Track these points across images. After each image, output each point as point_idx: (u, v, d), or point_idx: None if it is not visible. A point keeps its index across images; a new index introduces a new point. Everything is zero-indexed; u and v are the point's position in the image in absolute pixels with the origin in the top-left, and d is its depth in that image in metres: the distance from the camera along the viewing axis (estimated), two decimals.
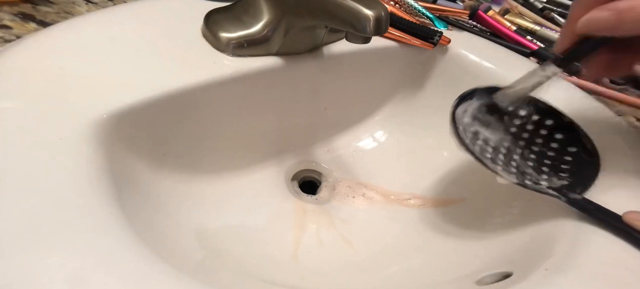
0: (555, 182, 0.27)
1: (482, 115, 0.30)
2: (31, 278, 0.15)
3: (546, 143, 0.30)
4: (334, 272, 0.31)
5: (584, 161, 0.28)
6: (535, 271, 0.23)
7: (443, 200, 0.37)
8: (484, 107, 0.31)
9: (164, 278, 0.17)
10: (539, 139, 0.30)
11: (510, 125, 0.30)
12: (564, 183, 0.27)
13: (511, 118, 0.31)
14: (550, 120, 0.30)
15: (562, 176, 0.28)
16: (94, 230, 0.17)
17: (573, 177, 0.28)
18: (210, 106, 0.30)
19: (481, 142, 0.29)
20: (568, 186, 0.27)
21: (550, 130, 0.30)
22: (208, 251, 0.28)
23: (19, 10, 0.30)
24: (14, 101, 0.22)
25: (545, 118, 0.30)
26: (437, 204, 0.37)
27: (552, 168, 0.29)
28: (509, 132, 0.30)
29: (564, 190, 0.26)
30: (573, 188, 0.27)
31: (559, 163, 0.29)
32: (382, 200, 0.38)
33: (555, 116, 0.30)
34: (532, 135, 0.30)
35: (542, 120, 0.30)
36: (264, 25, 0.30)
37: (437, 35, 0.39)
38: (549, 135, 0.30)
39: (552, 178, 0.28)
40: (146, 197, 0.26)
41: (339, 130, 0.42)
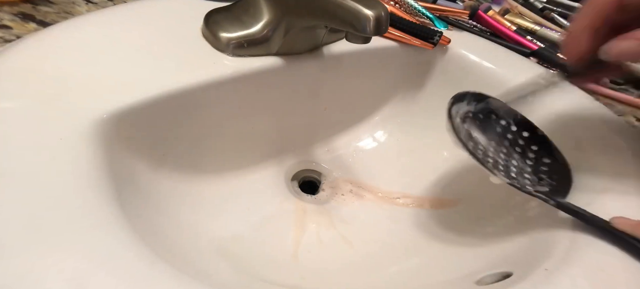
0: (539, 188, 0.28)
1: (471, 118, 0.31)
2: (31, 278, 0.15)
3: (524, 153, 0.31)
4: (334, 272, 0.31)
5: (559, 171, 0.29)
6: (535, 271, 0.23)
7: (443, 200, 0.37)
8: (473, 111, 0.32)
9: (164, 278, 0.17)
10: (518, 149, 0.31)
11: (494, 133, 0.31)
12: (544, 190, 0.28)
13: (494, 126, 0.32)
14: (526, 132, 0.31)
15: (542, 184, 0.29)
16: (94, 230, 0.17)
17: (551, 186, 0.28)
18: (210, 106, 0.30)
19: (472, 142, 0.30)
20: (549, 193, 0.27)
21: (527, 141, 0.31)
22: (208, 251, 0.28)
23: (19, 10, 0.30)
24: (14, 101, 0.22)
25: (522, 130, 0.31)
26: (437, 204, 0.37)
27: (533, 175, 0.30)
28: (494, 139, 0.31)
29: (550, 193, 0.27)
30: (554, 195, 0.27)
31: (537, 173, 0.30)
32: (382, 200, 0.38)
33: (531, 129, 0.31)
34: (512, 145, 0.31)
35: (519, 132, 0.31)
36: (264, 25, 0.30)
37: (437, 35, 0.39)
38: (527, 146, 0.31)
39: (535, 184, 0.29)
40: (146, 197, 0.26)
41: (339, 130, 0.42)
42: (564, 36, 0.27)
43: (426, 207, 0.37)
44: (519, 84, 0.30)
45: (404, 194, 0.38)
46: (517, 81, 0.38)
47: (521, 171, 0.30)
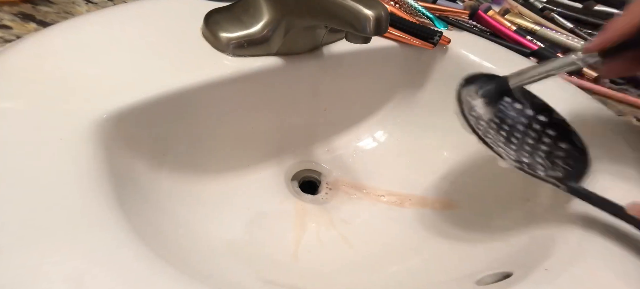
0: (551, 173, 0.28)
1: (486, 100, 0.31)
2: (31, 277, 0.15)
3: (539, 137, 0.30)
4: (334, 272, 0.31)
5: (575, 157, 0.29)
6: (535, 271, 0.23)
7: (443, 200, 0.37)
8: (489, 92, 0.31)
9: (164, 278, 0.17)
10: (533, 133, 0.31)
11: (507, 116, 0.31)
12: (558, 175, 0.27)
13: (508, 109, 0.31)
14: (543, 116, 0.31)
15: (556, 169, 0.28)
16: (93, 230, 0.17)
17: (565, 172, 0.28)
18: (210, 106, 0.30)
19: (484, 125, 0.30)
20: (562, 179, 0.27)
21: (543, 125, 0.31)
22: (207, 251, 0.28)
23: (19, 10, 0.30)
24: (14, 101, 0.22)
25: (539, 114, 0.31)
26: (437, 204, 0.37)
27: (547, 160, 0.29)
28: (506, 122, 0.31)
29: (563, 179, 0.27)
30: (568, 179, 0.27)
31: (552, 157, 0.29)
32: (382, 200, 0.38)
33: (548, 112, 0.31)
34: (527, 128, 0.31)
35: (536, 116, 0.31)
36: (264, 25, 0.30)
37: (437, 35, 0.39)
38: (542, 131, 0.31)
39: (548, 169, 0.28)
40: (146, 197, 0.26)
41: (339, 130, 0.42)
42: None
43: (426, 207, 0.37)
44: (544, 62, 0.30)
45: (404, 194, 0.38)
46: None
47: (534, 156, 0.29)
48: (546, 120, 0.31)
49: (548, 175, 0.27)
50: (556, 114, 0.31)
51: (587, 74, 0.46)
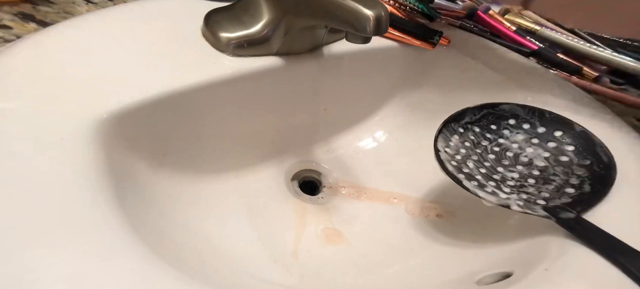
0: (556, 200, 0.26)
1: (478, 134, 0.30)
2: (31, 277, 0.15)
3: (553, 156, 0.28)
4: (334, 272, 0.31)
5: (596, 174, 0.26)
6: (535, 271, 0.23)
7: (443, 200, 0.37)
8: (480, 125, 0.30)
9: (164, 277, 0.17)
10: (545, 153, 0.28)
11: (512, 141, 0.29)
12: (565, 202, 0.26)
13: (513, 134, 0.29)
14: (559, 131, 0.29)
15: (567, 193, 0.26)
16: (93, 230, 0.17)
17: (579, 194, 0.26)
18: (210, 106, 0.30)
19: (472, 163, 0.28)
20: (570, 204, 0.25)
21: (559, 142, 0.28)
22: (208, 251, 0.28)
23: (19, 10, 0.30)
24: (14, 101, 0.22)
25: (553, 130, 0.29)
26: (437, 204, 0.37)
27: (558, 184, 0.27)
28: (510, 149, 0.29)
29: (558, 209, 0.25)
30: (574, 206, 0.25)
31: (566, 179, 0.27)
32: (382, 200, 0.38)
33: (566, 126, 0.29)
34: (537, 149, 0.29)
35: (550, 132, 0.29)
36: (264, 25, 0.30)
37: (437, 35, 0.39)
38: (557, 148, 0.28)
39: (555, 195, 0.26)
40: (146, 197, 0.26)
41: (339, 130, 0.42)
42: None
43: (426, 207, 0.37)
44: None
45: (404, 194, 0.38)
46: (517, 81, 0.38)
47: (542, 182, 0.27)
48: (562, 135, 0.28)
49: (546, 205, 0.25)
50: (578, 126, 0.28)
51: (587, 74, 0.46)
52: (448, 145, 0.29)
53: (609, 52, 0.47)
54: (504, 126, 0.30)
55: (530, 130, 0.29)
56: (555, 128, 0.29)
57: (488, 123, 0.30)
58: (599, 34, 0.51)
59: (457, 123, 0.30)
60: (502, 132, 0.30)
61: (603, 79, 0.45)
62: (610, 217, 0.25)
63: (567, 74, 0.45)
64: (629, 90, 0.46)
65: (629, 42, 0.51)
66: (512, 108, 0.30)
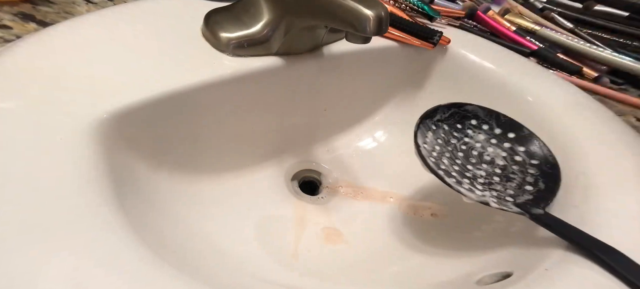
0: (521, 197, 0.27)
1: (447, 132, 0.30)
2: (31, 278, 0.15)
3: (510, 156, 0.30)
4: (334, 272, 0.31)
5: (547, 173, 0.28)
6: (535, 271, 0.23)
7: (443, 199, 0.37)
8: (449, 123, 0.31)
9: (164, 277, 0.17)
10: (503, 153, 0.30)
11: (476, 141, 0.31)
12: (528, 198, 0.27)
13: (476, 133, 0.31)
14: (512, 133, 0.30)
15: (527, 190, 0.28)
16: (93, 230, 0.17)
17: (537, 191, 0.27)
18: (210, 106, 0.30)
19: (447, 160, 0.29)
20: (533, 200, 0.27)
21: (512, 143, 0.30)
22: (208, 251, 0.28)
23: (19, 10, 0.30)
24: (14, 101, 0.22)
25: (507, 132, 0.30)
26: (437, 204, 0.37)
27: (518, 182, 0.28)
28: (475, 148, 0.30)
29: (528, 205, 0.26)
30: (537, 202, 0.26)
31: (523, 177, 0.29)
32: (382, 200, 0.38)
33: (516, 129, 0.30)
34: (496, 149, 0.30)
35: (504, 133, 0.30)
36: (264, 25, 0.30)
37: (437, 35, 0.39)
38: (512, 149, 0.30)
39: (518, 192, 0.28)
40: (146, 197, 0.26)
41: (339, 130, 0.42)
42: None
43: (426, 207, 0.37)
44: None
45: (404, 194, 0.38)
46: (517, 81, 0.38)
47: (505, 180, 0.28)
48: (514, 137, 0.30)
49: (516, 202, 0.26)
50: (526, 129, 0.30)
51: (587, 74, 0.46)
52: (425, 141, 0.29)
53: (609, 52, 0.47)
54: (468, 126, 0.31)
55: (489, 131, 0.31)
56: (509, 130, 0.31)
57: (455, 122, 0.31)
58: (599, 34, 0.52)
59: (430, 120, 0.30)
60: (466, 131, 0.31)
61: (603, 79, 0.45)
62: (611, 216, 0.25)
63: (567, 74, 0.45)
64: (629, 90, 0.46)
65: (629, 43, 0.51)
66: (474, 109, 0.31)
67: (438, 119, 0.30)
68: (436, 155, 0.29)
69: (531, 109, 0.35)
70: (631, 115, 0.41)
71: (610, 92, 0.43)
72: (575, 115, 0.34)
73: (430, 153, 0.28)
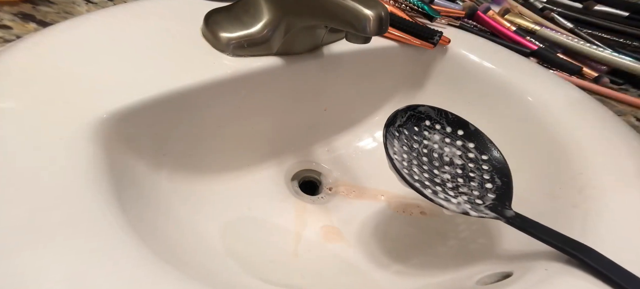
0: (487, 198, 0.26)
1: (409, 137, 0.29)
2: (31, 278, 0.15)
3: (464, 154, 0.29)
4: (334, 272, 0.31)
5: (498, 168, 0.28)
6: (535, 271, 0.23)
7: None
8: (407, 127, 0.29)
9: (164, 278, 0.17)
10: (458, 151, 0.29)
11: (433, 142, 0.30)
12: (491, 197, 0.26)
13: (432, 134, 0.30)
14: (460, 130, 0.30)
15: (488, 188, 0.27)
16: (93, 230, 0.17)
17: (496, 187, 0.27)
18: (210, 106, 0.30)
19: (416, 168, 0.28)
20: (497, 199, 0.26)
21: (463, 140, 0.29)
22: (208, 251, 0.28)
23: (19, 10, 0.30)
24: (14, 101, 0.22)
25: (456, 129, 0.30)
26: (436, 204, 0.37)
27: (479, 181, 0.28)
28: (434, 150, 0.29)
29: (499, 208, 0.25)
30: (501, 200, 0.26)
31: (481, 174, 0.28)
32: (382, 200, 0.38)
33: (463, 126, 0.30)
34: (451, 148, 0.29)
35: (454, 131, 0.30)
36: (264, 25, 0.30)
37: (437, 35, 0.39)
38: (464, 146, 0.29)
39: (482, 192, 0.27)
40: (146, 197, 0.26)
41: (339, 130, 0.42)
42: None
43: (426, 207, 0.37)
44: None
45: (404, 194, 0.38)
46: (517, 81, 0.38)
47: (468, 181, 0.28)
48: (464, 134, 0.29)
49: (487, 205, 0.25)
50: (471, 125, 0.30)
51: (587, 74, 0.46)
52: (394, 151, 0.28)
53: (609, 52, 0.47)
54: (424, 127, 0.30)
55: (441, 130, 0.30)
56: (457, 127, 0.30)
57: (412, 125, 0.30)
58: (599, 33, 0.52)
59: (393, 127, 0.29)
60: (423, 133, 0.30)
61: (603, 79, 0.45)
62: (611, 216, 0.25)
63: (567, 74, 0.45)
64: (629, 90, 0.46)
65: (629, 43, 0.51)
66: (426, 109, 0.30)
67: (399, 125, 0.29)
68: (407, 164, 0.28)
69: (531, 109, 0.35)
70: (631, 115, 0.41)
71: (610, 92, 0.43)
72: (575, 115, 0.34)
73: (401, 163, 0.27)
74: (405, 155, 0.28)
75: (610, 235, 0.24)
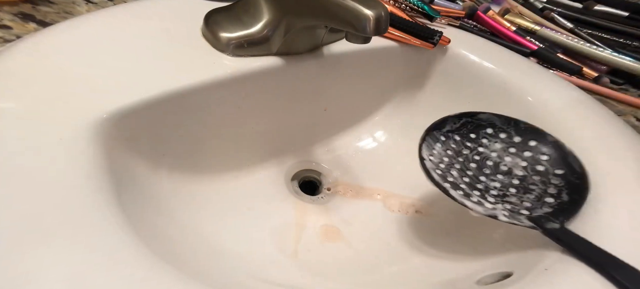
0: (538, 210, 0.26)
1: (459, 143, 0.30)
2: (31, 277, 0.15)
3: (530, 166, 0.28)
4: (334, 272, 0.31)
5: (572, 183, 0.27)
6: (535, 271, 0.23)
7: (442, 199, 0.37)
8: (461, 133, 0.30)
9: (164, 277, 0.17)
10: (523, 162, 0.29)
11: (491, 150, 0.29)
12: (547, 211, 0.26)
13: (492, 143, 0.30)
14: (533, 141, 0.29)
15: (547, 202, 0.26)
16: (93, 230, 0.17)
17: (559, 203, 0.26)
18: (210, 106, 0.30)
19: (456, 172, 0.28)
20: (552, 214, 0.25)
21: (534, 151, 0.29)
22: (207, 251, 0.28)
23: (19, 10, 0.30)
24: (14, 101, 0.22)
25: (528, 140, 0.29)
26: (436, 204, 0.37)
27: (538, 193, 0.27)
28: (490, 158, 0.29)
29: (542, 219, 0.25)
30: (556, 215, 0.25)
31: (544, 188, 0.27)
32: (382, 200, 0.38)
33: (538, 136, 0.29)
34: (515, 158, 0.29)
35: (525, 142, 0.29)
36: (264, 25, 0.30)
37: (437, 35, 0.39)
38: (533, 158, 0.29)
39: (536, 205, 0.26)
40: (146, 197, 0.26)
41: (339, 130, 0.42)
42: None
43: (426, 207, 0.37)
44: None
45: (404, 194, 0.38)
46: (517, 81, 0.38)
47: (522, 191, 0.27)
48: (536, 145, 0.29)
49: (530, 215, 0.25)
50: (550, 136, 0.29)
51: (587, 74, 0.46)
52: (432, 153, 0.28)
53: (609, 52, 0.47)
54: (483, 135, 0.30)
55: (507, 139, 0.30)
56: (530, 137, 0.29)
57: (467, 132, 0.30)
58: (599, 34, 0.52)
59: (438, 131, 0.30)
60: (481, 141, 0.30)
61: (603, 79, 0.45)
62: (611, 216, 0.25)
63: (567, 74, 0.45)
64: (629, 90, 0.46)
65: (629, 43, 0.51)
66: (489, 117, 0.30)
67: (448, 130, 0.30)
68: (444, 166, 0.28)
69: (531, 109, 0.35)
70: (631, 115, 0.41)
71: (610, 92, 0.43)
72: (575, 115, 0.34)
73: (436, 165, 0.28)
74: (447, 158, 0.29)
75: (611, 234, 0.24)
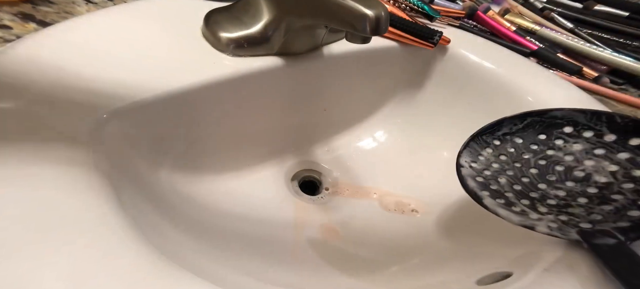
0: (608, 223, 0.23)
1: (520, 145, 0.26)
2: (31, 278, 0.15)
3: (624, 170, 0.23)
4: (334, 272, 0.31)
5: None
6: (535, 271, 0.23)
7: (442, 199, 0.37)
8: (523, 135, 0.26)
9: (164, 277, 0.17)
10: (613, 166, 0.23)
11: (566, 153, 0.25)
12: (622, 225, 0.22)
13: (569, 144, 0.25)
14: (637, 139, 0.23)
15: (628, 215, 0.22)
16: (94, 230, 0.17)
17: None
18: (210, 106, 0.30)
19: (505, 179, 0.26)
20: (624, 228, 0.22)
21: (635, 152, 0.23)
22: (208, 251, 0.28)
23: (19, 10, 0.30)
24: (14, 101, 0.22)
25: (628, 138, 0.23)
26: (436, 204, 0.37)
27: (622, 204, 0.23)
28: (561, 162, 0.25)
29: (596, 233, 0.22)
30: (627, 231, 0.22)
31: (635, 198, 0.22)
32: (381, 200, 0.38)
33: None
34: (601, 162, 0.24)
35: (623, 140, 0.23)
36: (264, 25, 0.30)
37: (437, 35, 0.39)
38: (632, 160, 0.23)
39: (611, 218, 0.23)
40: (146, 197, 0.26)
41: (339, 130, 0.42)
42: None
43: (426, 207, 0.37)
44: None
45: (404, 194, 0.38)
46: (517, 81, 0.38)
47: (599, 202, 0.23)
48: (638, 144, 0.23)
49: (583, 230, 0.23)
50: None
51: (587, 74, 0.46)
52: (476, 159, 0.27)
53: (609, 52, 0.47)
54: (557, 135, 0.25)
55: (593, 139, 0.24)
56: (632, 135, 0.23)
57: (534, 133, 0.26)
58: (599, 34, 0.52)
59: (491, 135, 0.27)
60: (553, 143, 0.25)
61: (603, 79, 0.45)
62: None
63: (567, 74, 0.45)
64: (629, 90, 0.46)
65: (629, 43, 0.51)
66: (568, 114, 0.25)
67: (505, 133, 0.26)
68: (490, 173, 0.26)
69: (531, 109, 0.35)
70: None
71: (610, 92, 0.43)
72: None
73: (479, 172, 0.26)
74: (498, 163, 0.26)
75: None
